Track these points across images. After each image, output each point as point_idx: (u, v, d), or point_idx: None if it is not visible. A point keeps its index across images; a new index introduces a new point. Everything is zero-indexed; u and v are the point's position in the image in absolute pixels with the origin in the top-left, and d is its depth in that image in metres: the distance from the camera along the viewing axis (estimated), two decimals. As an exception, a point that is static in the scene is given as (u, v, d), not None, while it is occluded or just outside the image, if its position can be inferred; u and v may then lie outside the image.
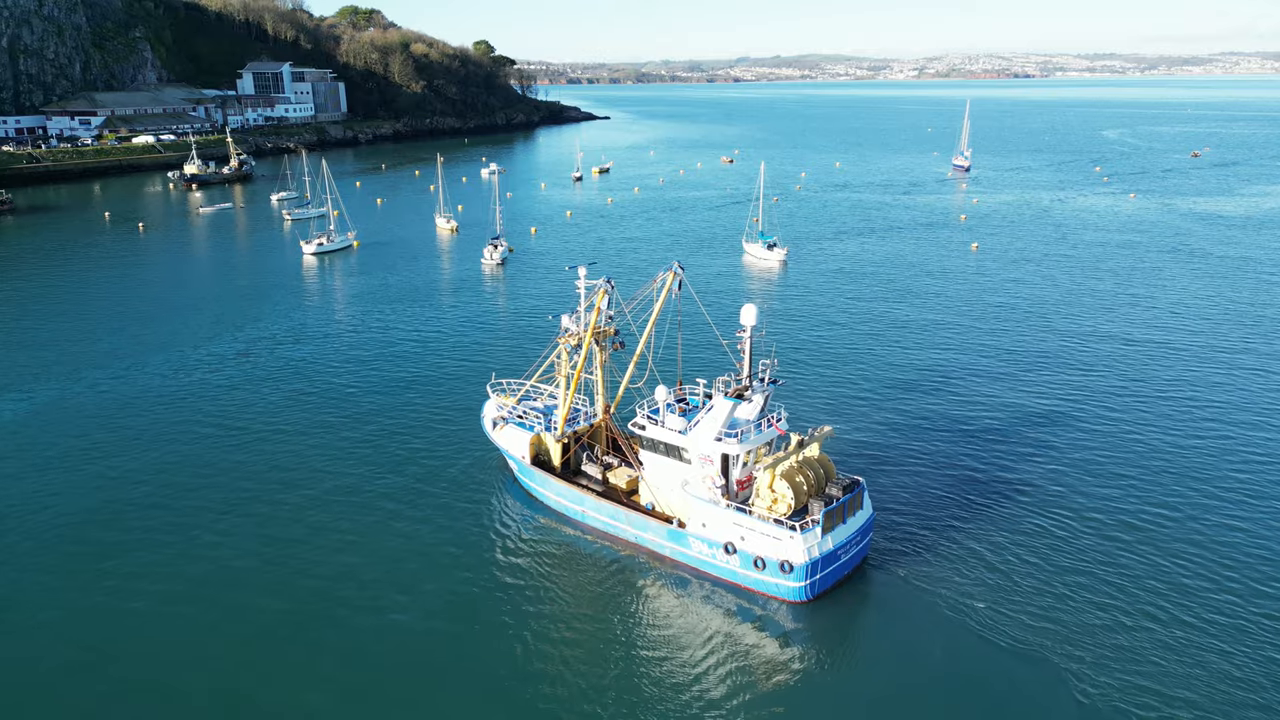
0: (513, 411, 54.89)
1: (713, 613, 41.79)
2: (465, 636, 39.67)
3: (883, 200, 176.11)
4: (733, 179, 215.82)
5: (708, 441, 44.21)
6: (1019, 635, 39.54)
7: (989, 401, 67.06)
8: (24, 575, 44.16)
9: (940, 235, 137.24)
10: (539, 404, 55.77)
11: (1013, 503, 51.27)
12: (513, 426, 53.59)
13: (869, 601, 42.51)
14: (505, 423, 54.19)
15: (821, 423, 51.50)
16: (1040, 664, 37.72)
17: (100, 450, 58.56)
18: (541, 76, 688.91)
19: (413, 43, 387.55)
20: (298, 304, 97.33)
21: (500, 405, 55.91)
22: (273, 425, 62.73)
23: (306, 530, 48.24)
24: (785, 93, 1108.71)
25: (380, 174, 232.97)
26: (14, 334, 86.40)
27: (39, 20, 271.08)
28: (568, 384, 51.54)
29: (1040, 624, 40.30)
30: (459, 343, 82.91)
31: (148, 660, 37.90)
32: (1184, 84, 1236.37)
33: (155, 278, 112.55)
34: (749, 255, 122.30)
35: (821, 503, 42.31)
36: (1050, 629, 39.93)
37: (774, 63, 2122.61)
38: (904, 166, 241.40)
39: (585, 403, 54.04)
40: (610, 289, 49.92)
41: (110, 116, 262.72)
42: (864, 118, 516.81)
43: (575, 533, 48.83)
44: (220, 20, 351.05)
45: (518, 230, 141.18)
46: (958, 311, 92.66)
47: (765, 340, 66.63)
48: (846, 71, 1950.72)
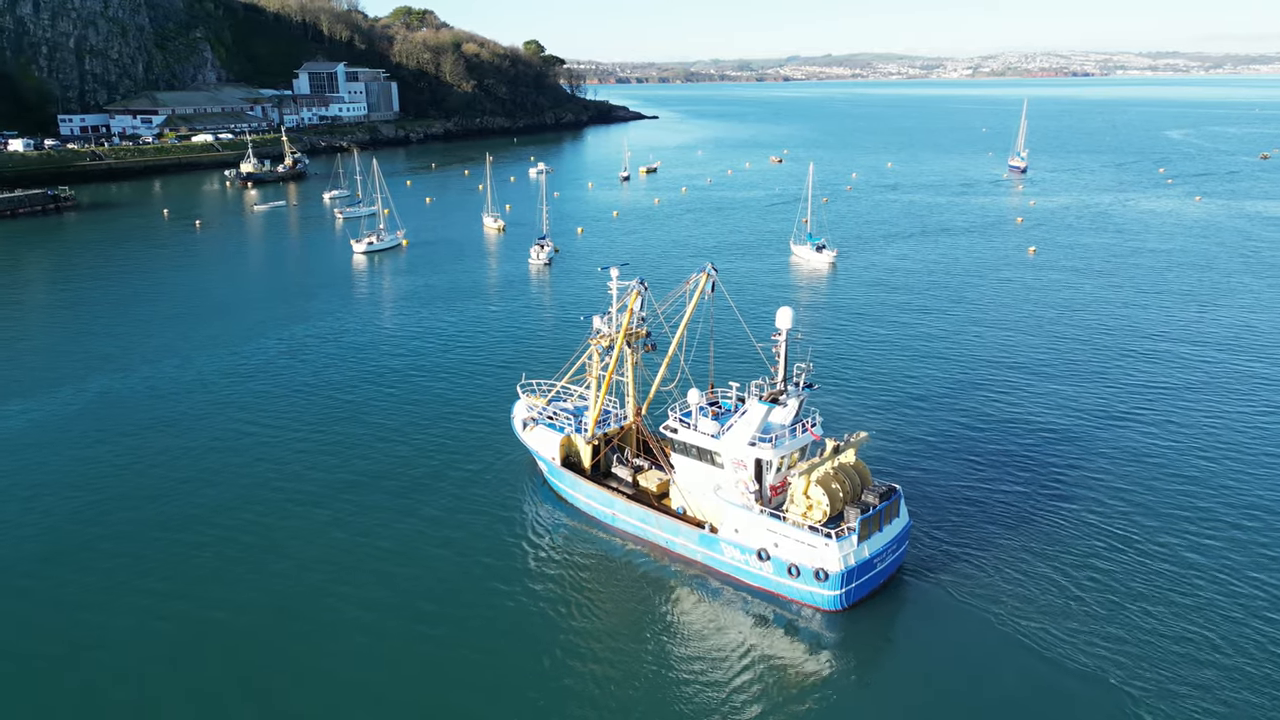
0: (543, 412, 54.60)
1: (745, 620, 41.09)
2: (492, 640, 39.26)
3: (935, 202, 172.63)
4: (781, 179, 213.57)
5: (741, 446, 43.56)
6: (1064, 649, 38.13)
7: (1038, 411, 64.88)
8: (45, 573, 44.79)
9: (995, 238, 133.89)
10: (569, 405, 55.44)
11: (1055, 515, 49.52)
12: (543, 427, 53.28)
13: (905, 611, 41.51)
14: (535, 424, 53.90)
15: (858, 428, 50.42)
16: (1086, 679, 36.32)
17: (144, 447, 59.18)
18: (590, 76, 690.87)
19: (464, 43, 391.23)
20: (345, 303, 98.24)
21: (530, 406, 55.70)
22: (309, 422, 63.10)
23: (333, 524, 48.30)
24: (836, 92, 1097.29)
25: (430, 173, 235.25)
26: (73, 327, 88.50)
27: (104, 21, 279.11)
28: (599, 385, 51.08)
29: (1086, 638, 38.78)
30: (499, 343, 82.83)
31: (169, 670, 37.47)
32: (1251, 83, 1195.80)
33: (210, 274, 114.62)
34: (796, 257, 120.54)
35: (858, 510, 41.39)
36: (1099, 645, 38.36)
37: (824, 62, 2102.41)
38: (958, 167, 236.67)
39: (615, 404, 53.55)
40: (643, 290, 49.42)
41: (171, 115, 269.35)
42: (916, 118, 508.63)
43: (605, 536, 48.35)
44: (278, 21, 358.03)
45: (564, 230, 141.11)
46: (1011, 318, 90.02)
47: (803, 344, 65.72)
48: (898, 70, 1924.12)
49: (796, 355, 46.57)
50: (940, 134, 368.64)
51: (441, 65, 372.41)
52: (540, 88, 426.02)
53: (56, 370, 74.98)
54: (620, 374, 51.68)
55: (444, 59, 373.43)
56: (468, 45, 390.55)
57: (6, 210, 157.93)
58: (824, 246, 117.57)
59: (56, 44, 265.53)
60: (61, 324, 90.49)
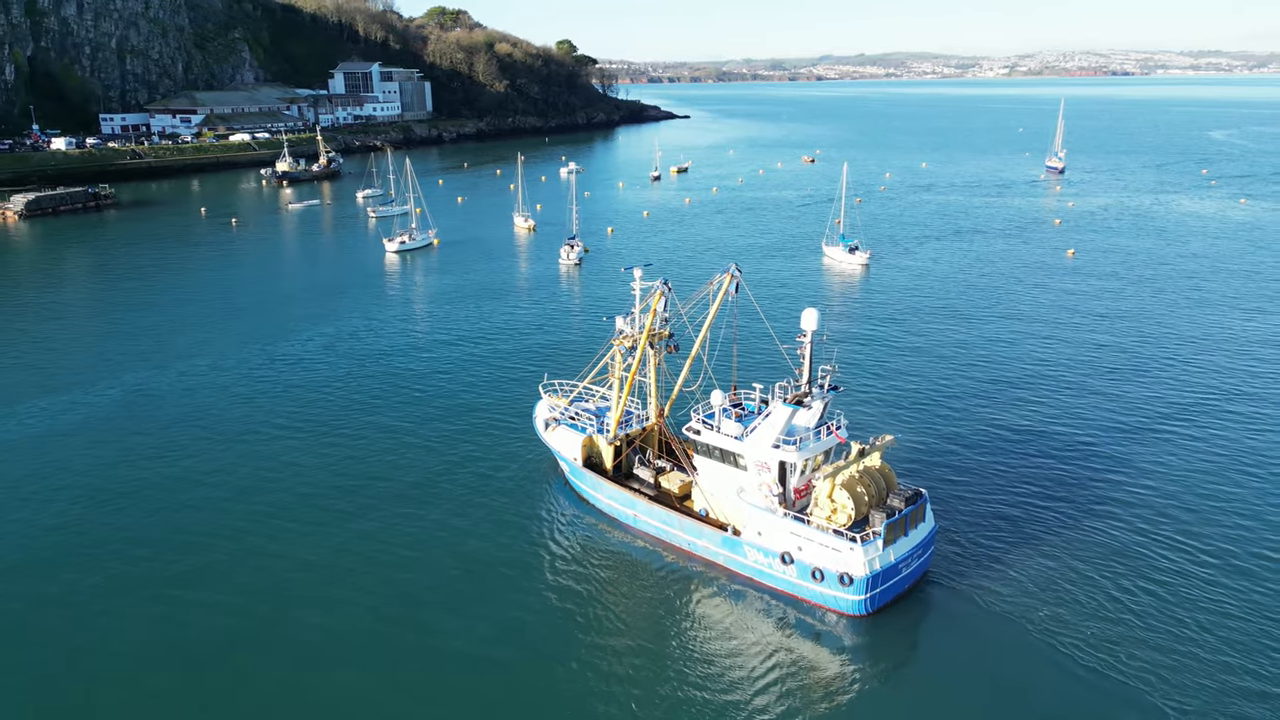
0: (565, 413, 54.48)
1: (768, 624, 40.71)
2: (512, 641, 39.12)
3: (971, 203, 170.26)
4: (814, 179, 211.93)
5: (765, 448, 43.18)
6: (1091, 658, 37.32)
7: (1071, 420, 63.44)
8: (56, 573, 45.25)
9: (1033, 240, 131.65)
10: (591, 406, 55.32)
11: (1085, 526, 48.43)
12: (565, 428, 53.16)
13: (930, 617, 40.97)
14: (557, 424, 53.79)
15: (884, 431, 49.70)
16: (1116, 693, 35.49)
17: (170, 446, 59.50)
18: (622, 75, 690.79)
19: (497, 42, 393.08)
20: (376, 302, 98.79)
21: (552, 406, 55.64)
22: (333, 420, 63.40)
23: (354, 522, 48.36)
24: (869, 91, 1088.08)
25: (462, 172, 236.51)
26: (110, 323, 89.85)
27: (145, 22, 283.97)
28: (621, 386, 50.90)
29: (1118, 652, 37.85)
30: (525, 343, 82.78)
31: (171, 670, 37.23)
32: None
33: (245, 273, 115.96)
34: (829, 259, 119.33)
35: (883, 514, 40.82)
36: (1130, 659, 37.45)
37: (858, 61, 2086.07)
38: (994, 167, 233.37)
39: (637, 405, 53.32)
40: (667, 291, 49.20)
41: (209, 115, 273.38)
42: (951, 117, 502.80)
43: (626, 537, 48.13)
44: (314, 22, 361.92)
45: (595, 230, 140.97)
46: (1047, 323, 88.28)
47: (830, 346, 65.06)
48: (933, 70, 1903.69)
49: (822, 357, 46.17)
50: (976, 134, 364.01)
51: (474, 65, 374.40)
52: (572, 87, 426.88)
53: (93, 366, 76.12)
54: (643, 375, 51.48)
55: (477, 59, 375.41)
56: (500, 45, 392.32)
57: (49, 208, 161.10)
58: (857, 248, 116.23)
59: (99, 44, 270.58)
60: (99, 321, 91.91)
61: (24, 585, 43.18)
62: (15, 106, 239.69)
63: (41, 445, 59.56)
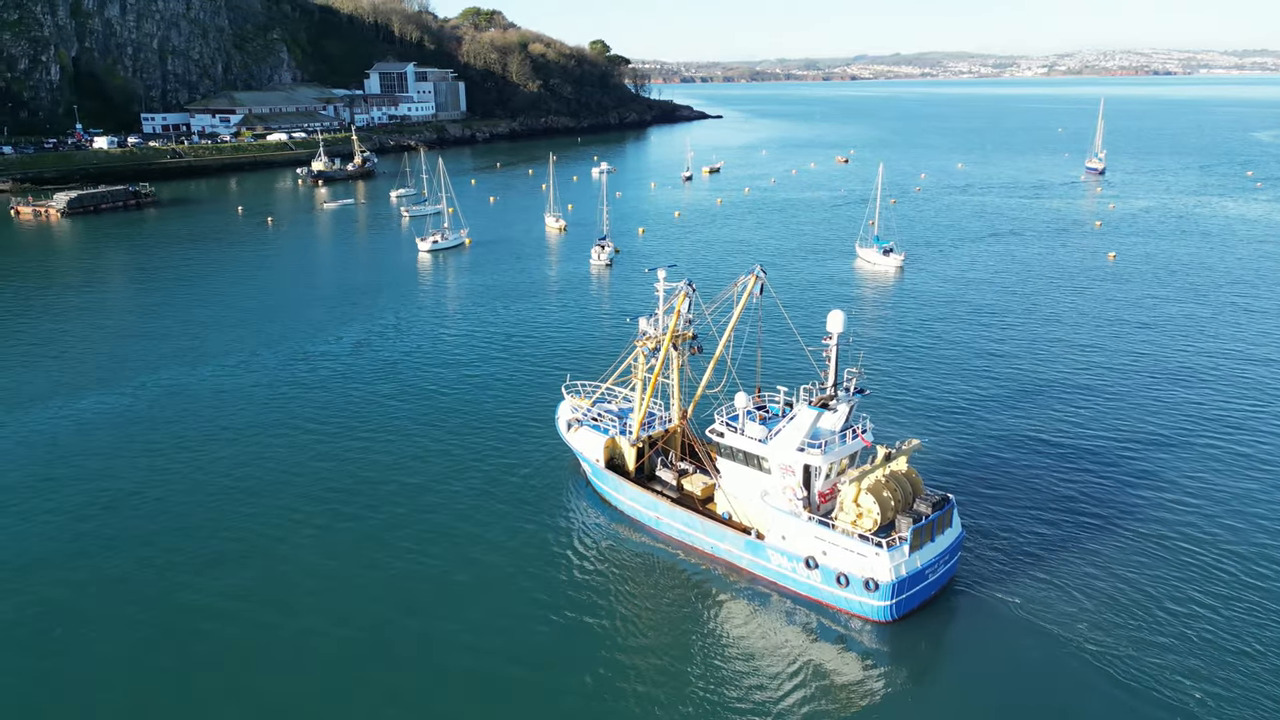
0: (587, 414, 54.32)
1: (791, 630, 40.28)
2: (532, 643, 38.97)
3: (1008, 204, 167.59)
4: (848, 180, 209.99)
5: (789, 451, 42.78)
6: (1120, 671, 36.65)
7: (1107, 426, 62.10)
8: (79, 574, 45.63)
9: (1072, 243, 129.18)
10: (613, 407, 55.11)
11: (1117, 535, 47.47)
12: (587, 429, 52.99)
13: (956, 623, 40.42)
14: (580, 425, 53.63)
15: (911, 435, 49.06)
16: (1146, 702, 34.89)
17: (191, 445, 59.68)
18: (655, 75, 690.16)
19: (531, 43, 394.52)
20: (406, 302, 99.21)
21: (575, 407, 55.50)
22: (357, 421, 63.64)
23: (371, 521, 48.38)
24: (904, 91, 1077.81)
25: (495, 172, 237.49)
26: (146, 321, 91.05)
27: (186, 23, 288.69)
28: (644, 388, 50.64)
29: (1147, 660, 37.26)
30: (552, 343, 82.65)
31: (170, 676, 37.05)
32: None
33: (279, 271, 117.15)
34: (862, 260, 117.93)
35: (910, 519, 40.35)
36: (1161, 667, 36.87)
37: (892, 60, 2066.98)
38: (1032, 168, 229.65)
39: (660, 407, 53.10)
40: (691, 292, 48.92)
41: (247, 114, 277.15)
42: (988, 117, 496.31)
43: (648, 539, 47.88)
44: (351, 22, 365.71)
45: (626, 230, 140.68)
46: (1087, 328, 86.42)
47: (857, 348, 64.51)
48: (970, 69, 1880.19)
49: (848, 360, 45.60)
50: (1013, 134, 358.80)
51: (508, 65, 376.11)
52: (605, 87, 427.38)
53: (126, 364, 77.15)
54: (666, 376, 51.25)
55: (511, 59, 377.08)
56: (534, 45, 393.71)
57: (90, 205, 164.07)
58: (891, 250, 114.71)
59: (141, 45, 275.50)
60: (134, 318, 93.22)
61: (44, 579, 43.71)
62: (60, 106, 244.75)
63: (68, 442, 60.38)
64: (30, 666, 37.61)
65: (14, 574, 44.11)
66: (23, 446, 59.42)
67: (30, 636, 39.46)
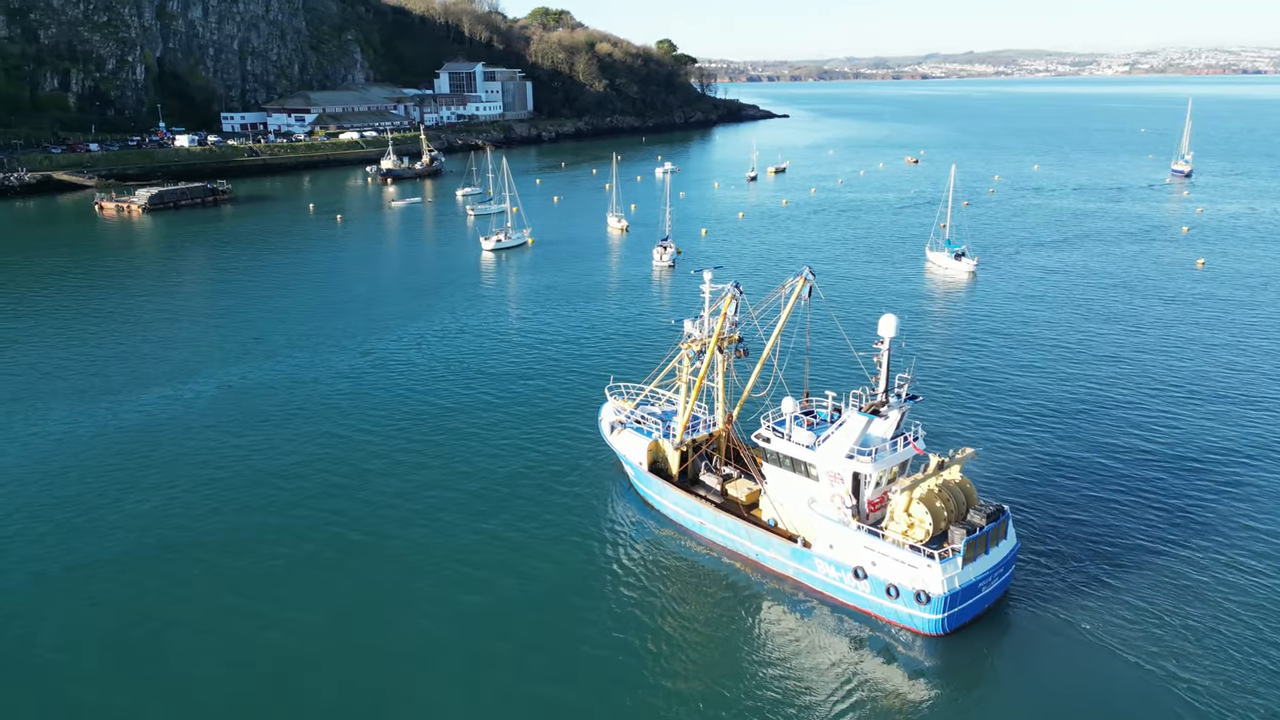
0: (630, 416, 53.71)
1: (838, 641, 39.30)
2: (572, 648, 38.47)
3: (1088, 208, 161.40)
4: (917, 181, 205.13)
5: (838, 458, 41.84)
6: (1183, 693, 34.93)
7: (1176, 442, 59.10)
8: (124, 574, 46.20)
9: (1157, 249, 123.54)
10: (656, 409, 54.50)
11: (1185, 550, 45.47)
12: (630, 431, 52.38)
13: (1010, 638, 39.07)
14: (623, 427, 53.07)
15: (964, 444, 47.78)
16: None
17: (247, 445, 60.19)
18: (721, 74, 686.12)
19: (598, 42, 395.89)
20: (467, 302, 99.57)
21: (618, 409, 55.02)
22: (405, 420, 63.77)
23: (414, 524, 48.26)
24: (977, 90, 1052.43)
25: (559, 171, 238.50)
26: (216, 318, 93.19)
27: (265, 24, 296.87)
28: (688, 390, 49.94)
29: (1212, 685, 35.42)
30: (608, 344, 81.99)
31: (217, 684, 36.94)
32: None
33: (346, 269, 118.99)
34: (932, 264, 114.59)
35: (963, 530, 38.94)
36: (1223, 694, 35.08)
37: (965, 59, 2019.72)
38: (1113, 171, 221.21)
39: (704, 410, 52.34)
40: (738, 294, 48.21)
41: (322, 114, 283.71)
42: (1066, 117, 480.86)
43: (691, 545, 47.19)
44: (423, 23, 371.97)
45: (688, 231, 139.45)
46: (1171, 337, 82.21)
47: (909, 354, 63.19)
48: (1046, 67, 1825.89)
49: (900, 365, 44.47)
50: (1093, 135, 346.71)
51: (575, 65, 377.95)
52: (671, 87, 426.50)
53: (194, 360, 78.84)
54: (711, 379, 50.58)
55: (578, 59, 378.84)
56: (601, 45, 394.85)
57: (170, 202, 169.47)
58: (963, 254, 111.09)
59: (222, 46, 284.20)
60: (205, 315, 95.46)
61: (101, 577, 44.56)
62: (145, 105, 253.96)
63: (131, 436, 61.76)
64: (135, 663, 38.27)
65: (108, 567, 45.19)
66: (100, 438, 61.04)
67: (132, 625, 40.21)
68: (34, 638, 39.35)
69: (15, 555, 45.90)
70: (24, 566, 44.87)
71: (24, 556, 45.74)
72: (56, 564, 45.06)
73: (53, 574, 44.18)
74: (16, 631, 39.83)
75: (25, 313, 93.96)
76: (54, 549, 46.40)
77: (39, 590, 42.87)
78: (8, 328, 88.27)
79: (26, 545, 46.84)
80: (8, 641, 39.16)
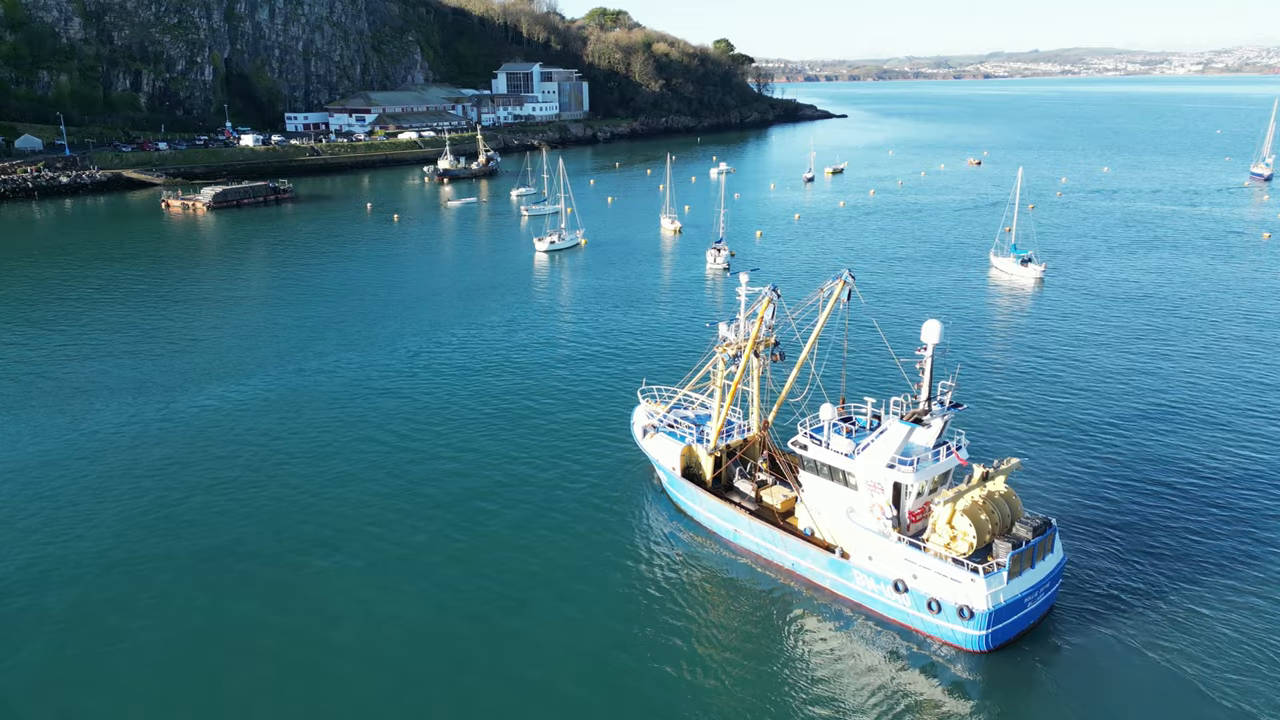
0: (664, 420, 52.79)
1: (877, 655, 38.17)
2: (603, 655, 37.89)
3: (1162, 211, 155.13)
4: (980, 183, 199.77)
5: (879, 468, 40.63)
6: (1232, 710, 34.21)
7: (1240, 457, 56.50)
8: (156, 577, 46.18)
9: (1236, 256, 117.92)
10: (690, 413, 53.61)
11: (1239, 568, 43.95)
12: (664, 436, 51.55)
13: (1056, 656, 37.72)
14: (656, 431, 52.17)
15: (1009, 454, 46.64)
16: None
17: (283, 449, 60.34)
18: (779, 74, 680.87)
19: (655, 42, 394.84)
20: (518, 304, 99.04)
21: (651, 413, 54.18)
22: (444, 423, 63.38)
23: (449, 531, 47.64)
24: (1043, 90, 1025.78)
25: (614, 172, 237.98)
26: (270, 317, 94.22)
27: (329, 26, 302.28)
28: (723, 395, 48.98)
29: (1261, 702, 34.68)
30: (657, 349, 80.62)
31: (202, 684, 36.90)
32: None
33: (400, 270, 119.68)
34: (997, 270, 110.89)
35: (1009, 544, 37.72)
36: (1264, 712, 33.67)
37: (1030, 58, 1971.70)
38: (1187, 173, 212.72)
39: (739, 415, 51.29)
40: (775, 298, 47.38)
41: (381, 114, 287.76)
42: (1136, 118, 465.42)
43: (725, 552, 46.28)
44: (483, 24, 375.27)
45: (743, 233, 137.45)
46: (1246, 354, 77.89)
47: (953, 360, 61.66)
48: (1116, 66, 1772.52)
49: (943, 372, 43.28)
50: (1165, 136, 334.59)
51: (632, 65, 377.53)
52: (727, 86, 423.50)
53: (247, 360, 79.69)
54: (746, 384, 49.70)
55: (634, 59, 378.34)
56: (658, 45, 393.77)
57: (233, 200, 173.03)
58: (1030, 260, 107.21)
59: (287, 47, 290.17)
60: (260, 314, 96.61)
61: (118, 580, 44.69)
62: (212, 105, 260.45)
63: (185, 433, 62.42)
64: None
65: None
66: (166, 426, 61.81)
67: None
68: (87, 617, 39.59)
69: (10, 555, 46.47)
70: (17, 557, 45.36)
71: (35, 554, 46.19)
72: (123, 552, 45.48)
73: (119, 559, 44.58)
74: (66, 630, 40.16)
75: (81, 310, 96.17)
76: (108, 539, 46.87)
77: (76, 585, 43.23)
78: (65, 324, 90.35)
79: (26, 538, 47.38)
80: (58, 640, 39.49)
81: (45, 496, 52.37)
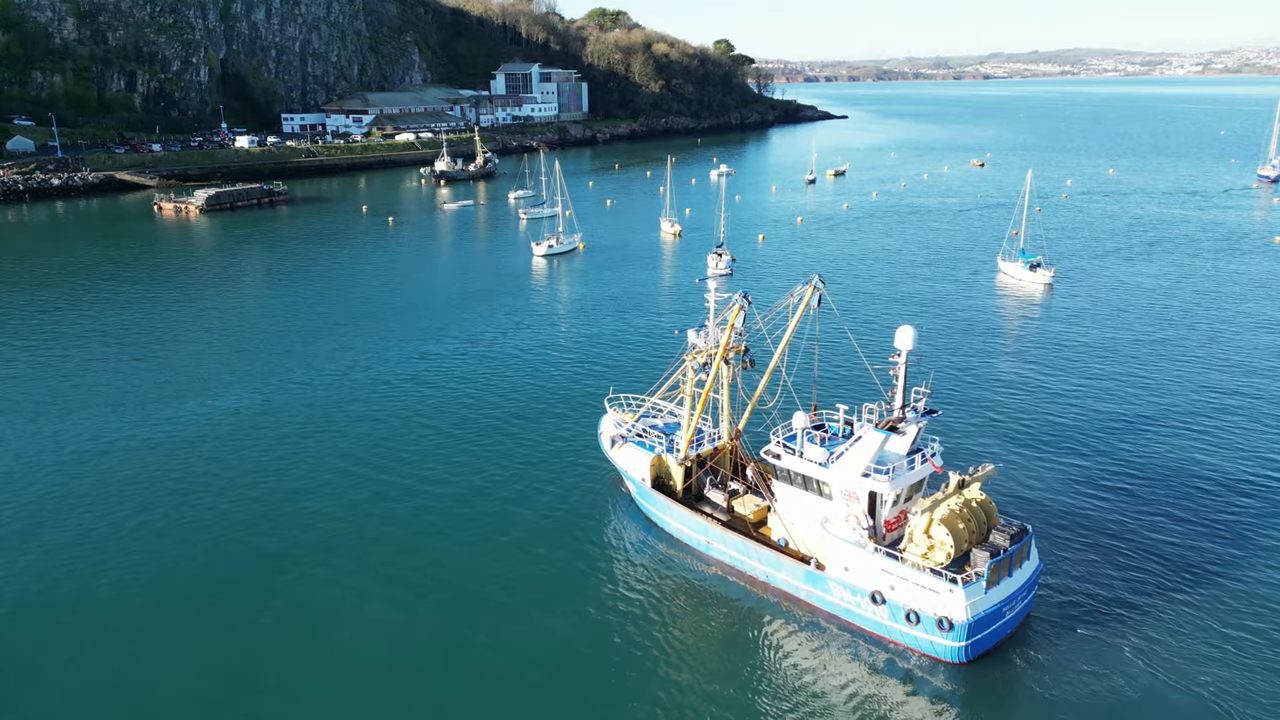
0: (632, 429, 51.34)
1: (855, 668, 37.55)
2: (572, 675, 36.50)
3: (1170, 214, 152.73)
4: (984, 185, 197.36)
5: (853, 477, 39.82)
6: (1204, 712, 34.27)
7: (1220, 463, 55.43)
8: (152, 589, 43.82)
9: (1246, 260, 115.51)
10: (659, 422, 52.33)
11: (1216, 572, 43.70)
12: (632, 446, 50.10)
13: (1035, 664, 37.56)
14: (624, 441, 50.72)
15: (983, 460, 46.03)
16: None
17: (265, 461, 58.48)
18: (779, 75, 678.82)
19: (655, 43, 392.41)
20: (513, 311, 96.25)
21: (619, 422, 52.79)
22: (420, 444, 60.86)
23: (407, 545, 46.01)
24: (1043, 90, 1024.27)
25: (613, 174, 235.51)
26: (261, 323, 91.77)
27: (327, 26, 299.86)
28: (693, 404, 47.71)
29: (1240, 704, 34.70)
30: (651, 357, 77.87)
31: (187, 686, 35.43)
32: None
33: (394, 274, 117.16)
34: (1005, 275, 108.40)
35: (986, 553, 37.34)
36: (1257, 713, 34.19)
37: (1030, 58, 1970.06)
38: (1193, 175, 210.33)
39: (708, 424, 49.95)
40: (746, 305, 46.16)
41: (379, 115, 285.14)
42: (1138, 119, 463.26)
43: (697, 564, 44.97)
44: (481, 24, 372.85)
45: (744, 237, 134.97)
46: (1244, 358, 75.70)
47: (927, 367, 59.93)
48: (1115, 67, 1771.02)
49: (915, 378, 42.03)
50: (1168, 137, 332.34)
51: (631, 65, 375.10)
52: (727, 87, 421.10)
53: (234, 368, 77.20)
54: (716, 392, 48.53)
55: (634, 59, 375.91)
56: (658, 45, 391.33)
57: (227, 203, 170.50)
58: (1039, 265, 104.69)
59: (284, 48, 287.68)
60: (251, 320, 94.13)
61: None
62: (208, 106, 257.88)
63: (196, 435, 59.96)
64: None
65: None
66: (137, 438, 59.37)
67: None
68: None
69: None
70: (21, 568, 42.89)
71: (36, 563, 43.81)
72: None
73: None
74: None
75: (73, 315, 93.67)
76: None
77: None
78: (55, 329, 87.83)
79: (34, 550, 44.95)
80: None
81: (55, 499, 50.01)
